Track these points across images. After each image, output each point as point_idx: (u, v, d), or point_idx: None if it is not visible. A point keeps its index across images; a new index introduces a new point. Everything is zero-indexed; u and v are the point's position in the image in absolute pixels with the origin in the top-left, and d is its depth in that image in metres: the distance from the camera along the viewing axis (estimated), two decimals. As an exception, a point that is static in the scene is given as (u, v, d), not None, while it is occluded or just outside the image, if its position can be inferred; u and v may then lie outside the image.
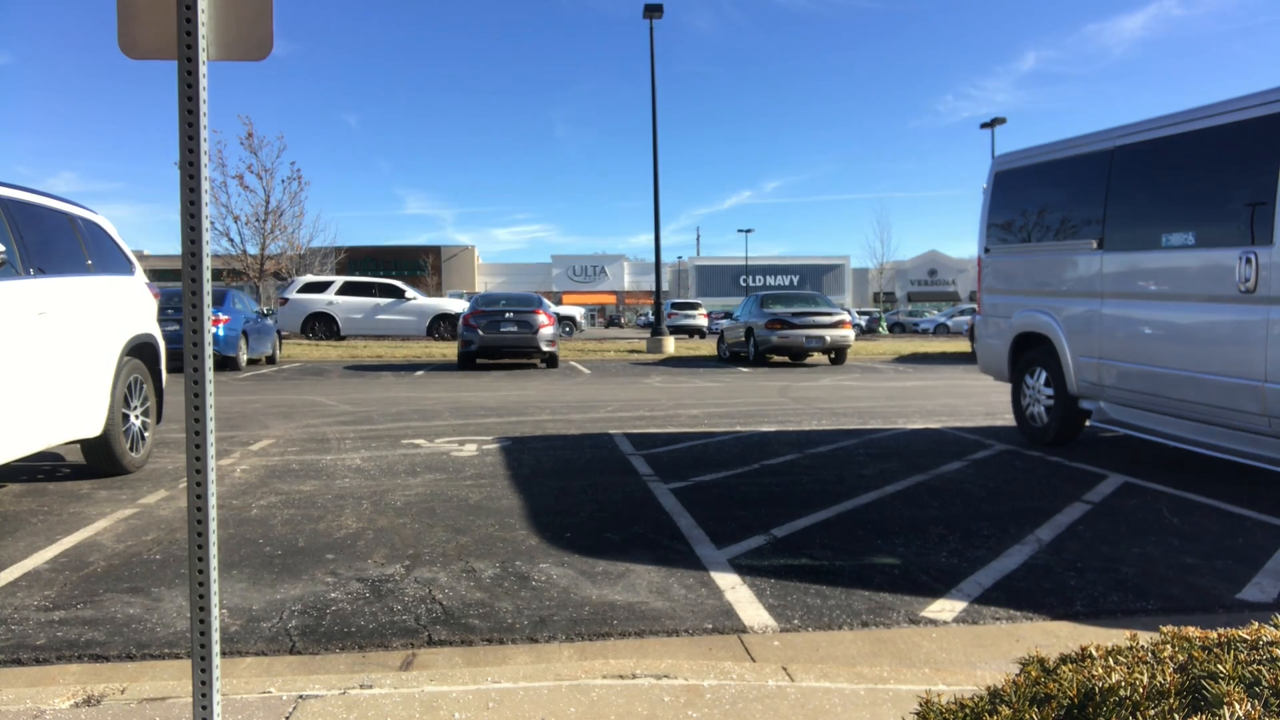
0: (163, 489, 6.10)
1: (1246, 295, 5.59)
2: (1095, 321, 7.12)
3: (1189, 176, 6.38)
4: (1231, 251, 5.70)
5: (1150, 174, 6.76)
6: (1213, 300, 5.90)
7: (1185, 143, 6.34)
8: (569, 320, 40.92)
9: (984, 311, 8.91)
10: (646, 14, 26.31)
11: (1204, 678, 1.65)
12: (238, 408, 11.12)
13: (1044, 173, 8.12)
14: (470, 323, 18.31)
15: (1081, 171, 7.46)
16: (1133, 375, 6.72)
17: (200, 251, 2.19)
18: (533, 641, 3.43)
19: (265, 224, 39.11)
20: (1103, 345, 7.05)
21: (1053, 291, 7.72)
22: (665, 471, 6.68)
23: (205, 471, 2.21)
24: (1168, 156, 6.55)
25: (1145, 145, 6.75)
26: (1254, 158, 5.68)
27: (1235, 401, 5.70)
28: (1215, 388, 5.86)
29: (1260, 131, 5.62)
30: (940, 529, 4.98)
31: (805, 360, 20.75)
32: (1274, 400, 5.37)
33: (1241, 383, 5.64)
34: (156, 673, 3.13)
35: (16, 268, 5.32)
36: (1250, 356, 5.55)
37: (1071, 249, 7.45)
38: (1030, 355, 8.09)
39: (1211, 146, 6.14)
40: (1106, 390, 7.10)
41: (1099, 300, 7.10)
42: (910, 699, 2.72)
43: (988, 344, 8.80)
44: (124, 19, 2.23)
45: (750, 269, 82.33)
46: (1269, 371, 5.41)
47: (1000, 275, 8.61)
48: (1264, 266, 5.44)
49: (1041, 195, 8.22)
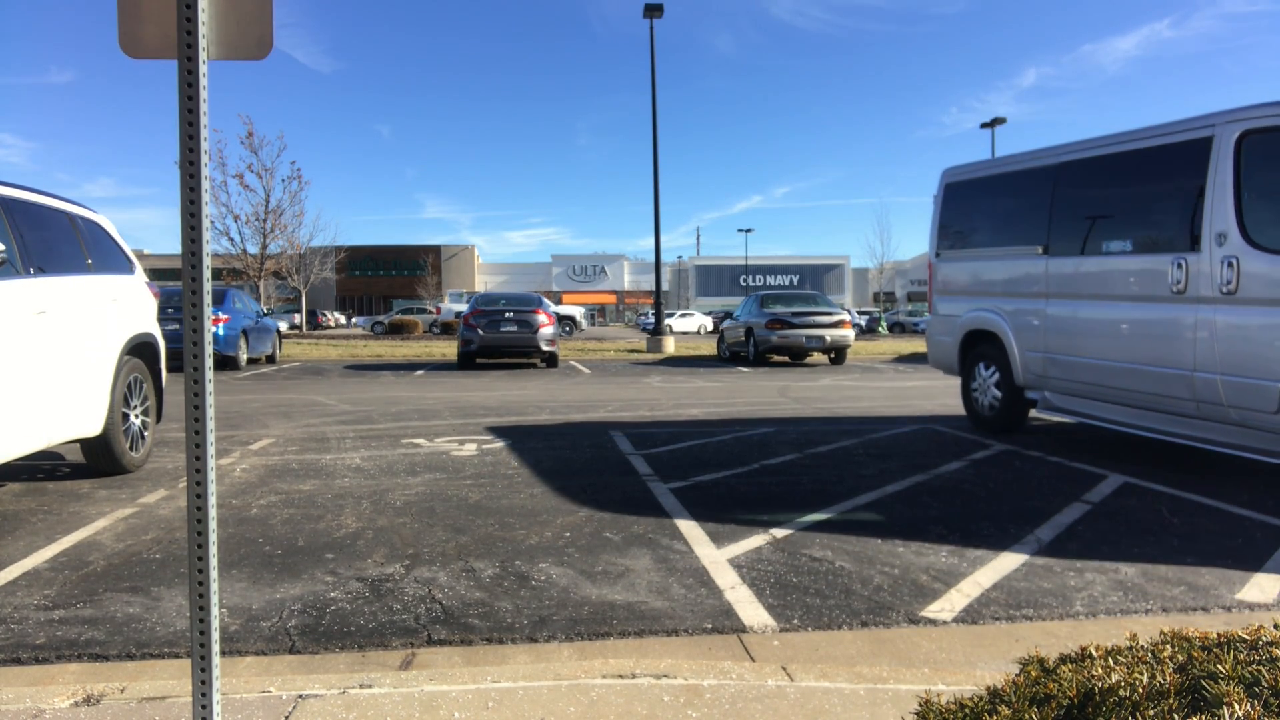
0: (163, 488, 6.10)
1: (1178, 296, 6.35)
2: (1040, 319, 7.85)
3: (1128, 191, 7.18)
4: (1165, 257, 6.47)
5: (1093, 188, 7.50)
6: (1149, 300, 6.66)
7: (1125, 161, 7.13)
8: (569, 320, 40.92)
9: (934, 311, 9.64)
10: (647, 14, 26.47)
11: (1204, 678, 1.65)
12: (238, 407, 11.12)
13: (992, 185, 8.89)
14: (470, 322, 18.30)
15: (1028, 184, 8.22)
16: (1076, 367, 7.42)
17: (200, 251, 2.19)
18: (532, 641, 3.43)
19: (265, 223, 39.12)
20: (1047, 341, 7.76)
21: (1000, 292, 8.45)
22: (665, 471, 6.68)
23: (205, 471, 2.21)
24: (1109, 173, 7.32)
25: (1088, 162, 7.50)
26: (1185, 176, 6.43)
27: (1169, 388, 6.46)
28: (1151, 377, 6.61)
29: (1191, 153, 6.39)
30: (940, 529, 4.98)
31: (805, 360, 20.74)
32: (1202, 387, 6.14)
33: (1174, 372, 6.38)
34: (156, 672, 3.13)
35: (16, 267, 5.32)
36: (1181, 349, 6.32)
37: (1018, 254, 8.19)
38: (979, 350, 8.83)
39: (1149, 165, 6.90)
40: (1051, 381, 7.79)
41: (1044, 300, 7.82)
42: (910, 699, 2.72)
43: (938, 341, 9.53)
44: (125, 18, 2.23)
45: (750, 269, 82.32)
46: (1197, 362, 6.17)
47: (950, 277, 9.34)
48: (1193, 271, 6.22)
49: (989, 205, 8.98)
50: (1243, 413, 5.88)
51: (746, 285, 74.99)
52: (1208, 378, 6.09)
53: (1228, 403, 5.97)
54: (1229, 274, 5.93)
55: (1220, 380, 5.99)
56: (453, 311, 41.03)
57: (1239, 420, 5.97)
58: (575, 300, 74.50)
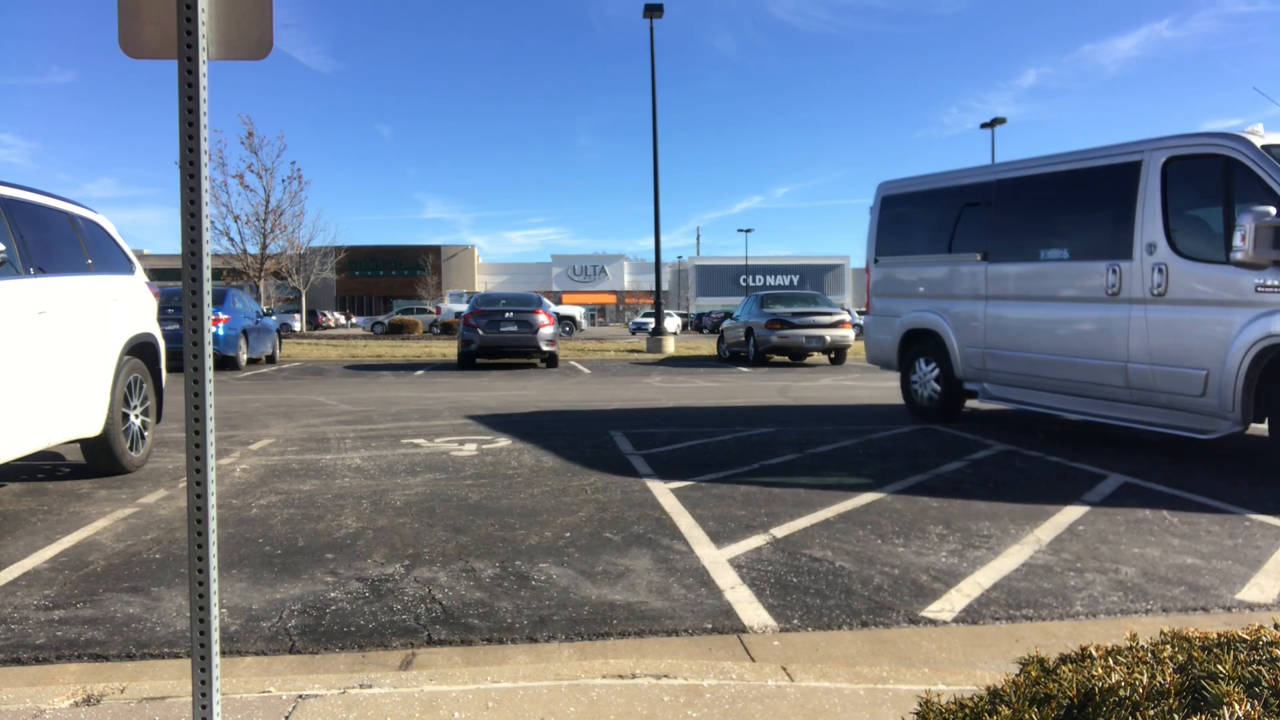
0: (163, 488, 6.10)
1: (1113, 297, 7.25)
2: (980, 319, 8.74)
3: (1066, 206, 8.08)
4: (1100, 264, 7.38)
5: (1032, 202, 8.38)
6: (1085, 301, 7.56)
7: (1063, 179, 8.01)
8: (569, 320, 40.93)
9: (873, 311, 10.41)
10: (646, 14, 26.48)
11: (1204, 678, 1.65)
12: (237, 407, 11.12)
13: (930, 198, 9.75)
14: (470, 322, 18.30)
15: (968, 197, 9.12)
16: (1015, 360, 8.30)
17: (200, 251, 2.18)
18: (532, 641, 3.43)
19: (265, 223, 39.15)
20: (987, 338, 8.66)
21: (941, 294, 9.31)
22: (665, 471, 6.68)
23: (205, 471, 2.21)
24: (1048, 189, 8.19)
25: (1028, 179, 8.40)
26: (1118, 194, 7.32)
27: (1104, 378, 7.35)
28: (1088, 368, 7.49)
29: (1123, 175, 7.29)
30: (940, 529, 4.98)
31: (805, 360, 20.74)
32: (1134, 375, 7.07)
33: (1109, 363, 7.28)
34: (156, 672, 3.13)
35: (16, 267, 5.32)
36: (1116, 343, 7.21)
37: (957, 260, 9.08)
38: (918, 348, 9.63)
39: (1085, 183, 7.78)
40: (990, 374, 8.69)
41: (984, 302, 8.72)
42: (910, 699, 2.72)
43: (877, 339, 10.31)
44: (125, 18, 2.23)
45: (750, 269, 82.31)
46: (1131, 354, 7.07)
47: (889, 281, 10.14)
48: (1126, 276, 7.14)
49: (927, 216, 9.81)
50: (1172, 396, 6.79)
51: (746, 285, 74.98)
52: (1140, 367, 7.00)
53: (1159, 388, 6.86)
54: (1159, 279, 6.84)
55: (1152, 369, 6.90)
56: (453, 311, 41.03)
57: (1168, 403, 6.87)
58: (575, 300, 74.50)
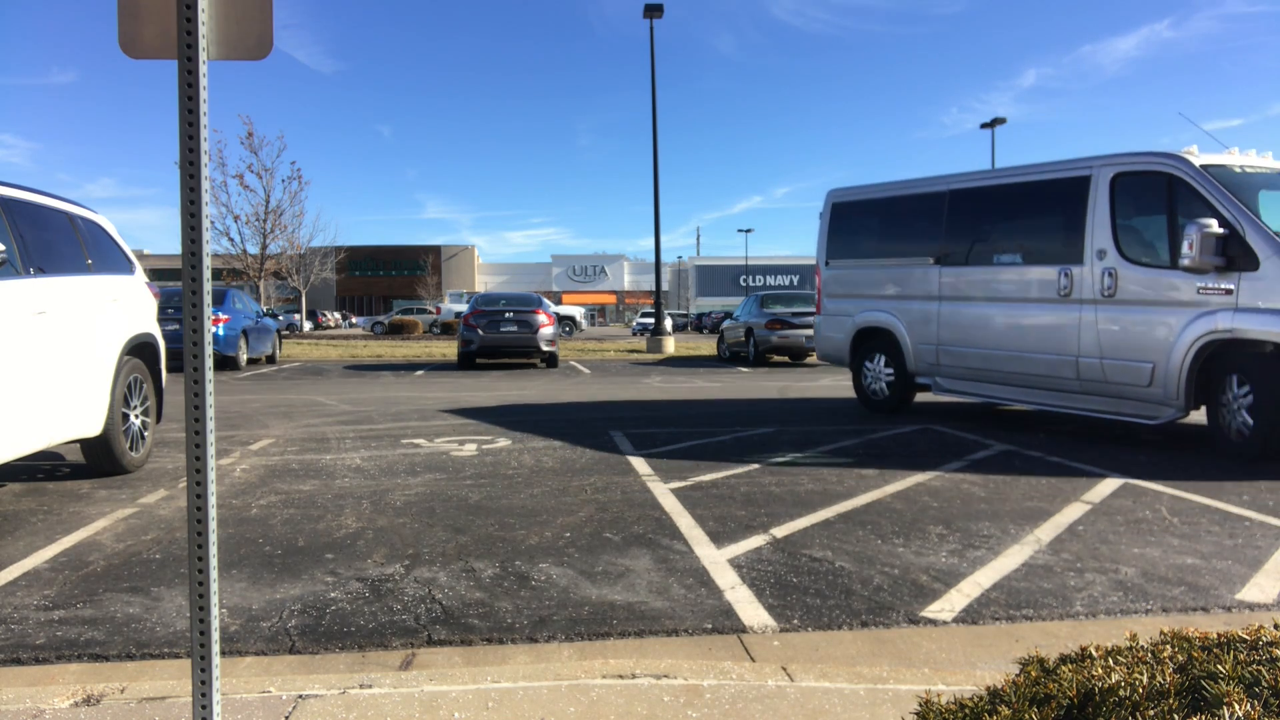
0: (162, 488, 6.10)
1: (1064, 298, 8.03)
2: (933, 318, 9.42)
3: (1019, 215, 8.90)
4: (1053, 268, 8.18)
5: (986, 211, 9.19)
6: (1038, 301, 8.34)
7: (1016, 191, 8.80)
8: (569, 320, 40.93)
9: (825, 311, 11.07)
10: (647, 14, 26.49)
11: (1204, 678, 1.65)
12: (237, 407, 11.12)
13: (881, 205, 10.45)
14: (470, 322, 18.30)
15: (921, 206, 9.82)
16: (968, 356, 9.08)
17: (200, 251, 2.18)
18: (532, 641, 3.43)
19: (265, 223, 39.16)
20: (940, 335, 9.35)
21: (894, 295, 9.98)
22: (665, 471, 6.68)
23: (205, 471, 2.21)
24: (1002, 199, 9.00)
25: (982, 189, 9.19)
26: (1069, 205, 8.09)
27: (1057, 370, 8.12)
28: (1041, 362, 8.26)
29: (1074, 188, 8.08)
30: (940, 529, 4.98)
31: (805, 360, 20.74)
32: (1085, 368, 7.86)
33: (1061, 358, 8.05)
34: (156, 672, 3.13)
35: (16, 267, 5.32)
36: (1067, 339, 7.99)
37: (910, 264, 9.77)
38: (870, 345, 10.31)
39: (1038, 195, 8.57)
40: (943, 369, 9.41)
41: (936, 303, 9.41)
42: (910, 699, 2.72)
43: (829, 337, 10.99)
44: (124, 18, 2.23)
45: (750, 269, 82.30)
46: (1082, 349, 7.85)
47: (841, 283, 10.80)
48: (1077, 279, 7.93)
49: (878, 223, 10.52)
50: (1121, 387, 7.58)
51: (746, 285, 74.97)
52: (1090, 361, 7.76)
53: (1109, 380, 7.64)
54: (1109, 281, 7.62)
55: (1102, 363, 7.66)
56: (453, 312, 41.04)
57: (1117, 393, 7.66)
58: (575, 300, 74.51)
